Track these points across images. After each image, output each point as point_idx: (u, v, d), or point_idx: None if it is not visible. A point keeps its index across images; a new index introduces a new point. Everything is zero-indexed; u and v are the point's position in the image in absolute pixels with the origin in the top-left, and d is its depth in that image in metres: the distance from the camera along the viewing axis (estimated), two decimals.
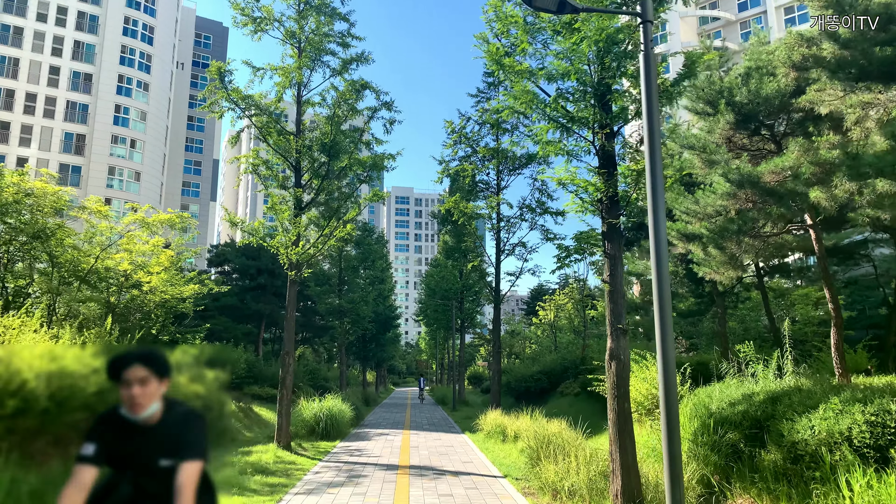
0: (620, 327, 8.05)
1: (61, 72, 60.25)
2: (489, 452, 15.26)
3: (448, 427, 22.68)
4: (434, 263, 44.80)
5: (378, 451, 15.59)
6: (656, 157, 5.85)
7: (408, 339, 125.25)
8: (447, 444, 17.25)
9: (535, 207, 21.04)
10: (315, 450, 15.94)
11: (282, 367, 15.00)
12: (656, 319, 5.63)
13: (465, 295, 35.83)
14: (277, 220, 14.92)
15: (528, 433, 14.85)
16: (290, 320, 15.30)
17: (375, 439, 18.44)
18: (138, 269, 20.14)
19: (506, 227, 21.75)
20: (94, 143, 59.46)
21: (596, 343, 31.53)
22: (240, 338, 33.84)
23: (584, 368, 28.13)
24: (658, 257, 5.65)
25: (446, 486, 10.75)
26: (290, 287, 15.41)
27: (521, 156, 21.87)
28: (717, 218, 12.49)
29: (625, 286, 24.86)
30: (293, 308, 15.35)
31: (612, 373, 8.11)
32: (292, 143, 15.40)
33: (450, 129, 22.32)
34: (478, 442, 17.47)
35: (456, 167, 22.07)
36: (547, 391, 31.28)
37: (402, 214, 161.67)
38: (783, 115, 12.37)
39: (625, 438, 7.77)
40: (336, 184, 16.01)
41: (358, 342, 42.36)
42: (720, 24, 51.25)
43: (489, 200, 21.41)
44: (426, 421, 25.59)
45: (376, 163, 15.10)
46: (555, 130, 8.45)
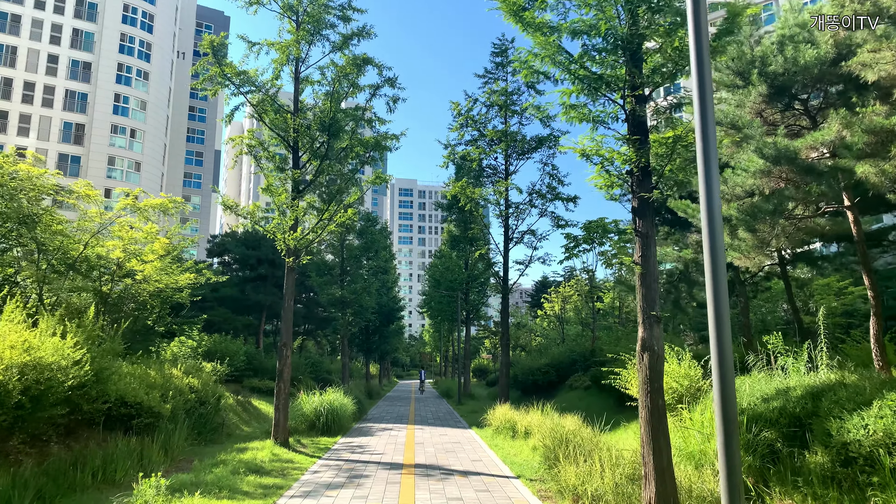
0: (654, 315, 7.15)
1: (60, 60, 59.40)
2: (499, 450, 14.41)
3: (454, 422, 21.86)
4: (438, 254, 43.91)
5: (381, 447, 14.75)
6: (708, 115, 4.93)
7: (411, 331, 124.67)
8: (454, 440, 16.41)
9: (545, 193, 20.09)
10: (315, 446, 15.11)
11: (279, 358, 14.16)
12: (710, 303, 4.72)
13: (471, 286, 34.94)
14: (274, 202, 14.02)
15: (540, 430, 14.00)
16: (288, 310, 14.43)
17: (378, 435, 17.61)
18: (131, 258, 19.30)
19: (514, 213, 20.79)
20: (94, 132, 58.64)
21: (605, 335, 30.66)
22: (240, 329, 33.07)
23: (595, 361, 27.27)
24: (712, 234, 4.75)
25: (455, 487, 9.89)
26: (287, 275, 14.53)
27: (530, 139, 20.89)
28: (745, 200, 11.55)
29: None
30: (291, 297, 14.48)
31: (644, 365, 7.21)
32: (289, 121, 14.49)
33: (456, 111, 21.33)
34: (486, 438, 16.63)
35: (462, 151, 21.12)
36: (555, 384, 30.44)
37: (406, 206, 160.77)
38: (820, 86, 11.40)
39: (659, 439, 6.88)
40: (336, 166, 15.10)
41: (361, 334, 41.56)
42: None
43: (497, 185, 20.44)
44: (431, 415, 24.78)
45: (379, 142, 14.16)
46: (579, 93, 7.51)
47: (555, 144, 20.48)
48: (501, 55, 21.70)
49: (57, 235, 17.06)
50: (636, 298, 7.28)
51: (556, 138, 20.59)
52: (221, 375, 22.71)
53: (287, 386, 14.14)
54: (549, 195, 20.08)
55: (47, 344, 10.36)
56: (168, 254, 20.67)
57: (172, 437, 13.39)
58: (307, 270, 32.15)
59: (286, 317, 14.46)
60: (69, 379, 10.13)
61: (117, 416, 12.47)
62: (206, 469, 11.18)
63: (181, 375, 17.50)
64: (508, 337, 21.55)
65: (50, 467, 9.62)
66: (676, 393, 13.51)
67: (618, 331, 30.74)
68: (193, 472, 10.99)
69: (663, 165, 7.29)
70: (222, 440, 16.89)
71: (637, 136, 7.34)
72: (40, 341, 10.31)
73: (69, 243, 17.49)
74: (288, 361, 14.15)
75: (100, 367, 11.93)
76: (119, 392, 12.48)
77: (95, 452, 10.72)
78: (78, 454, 10.42)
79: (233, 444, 15.85)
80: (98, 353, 12.36)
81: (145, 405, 12.99)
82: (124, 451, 11.06)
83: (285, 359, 14.09)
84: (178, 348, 26.37)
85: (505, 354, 21.29)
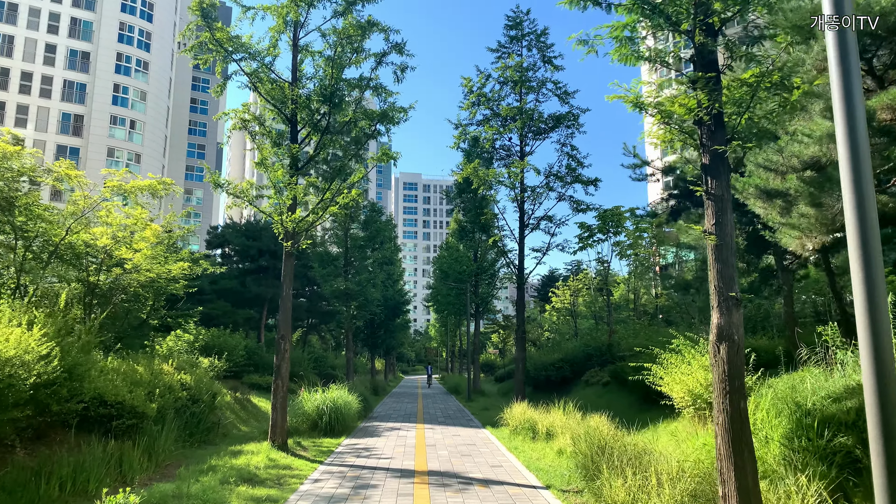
0: (733, 296, 5.74)
1: (58, 50, 58.26)
2: (520, 453, 13.05)
3: (465, 420, 20.51)
4: (445, 247, 42.51)
5: (389, 450, 13.42)
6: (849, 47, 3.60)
7: (416, 326, 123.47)
8: (468, 441, 15.06)
9: (563, 175, 18.64)
10: (316, 449, 13.78)
11: (276, 353, 12.82)
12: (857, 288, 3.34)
13: (480, 278, 33.54)
14: (269, 179, 12.66)
15: (568, 432, 12.64)
16: (286, 299, 13.08)
17: (386, 435, 16.29)
18: (121, 245, 18.00)
19: (531, 197, 19.37)
20: (93, 123, 57.53)
21: (622, 328, 29.25)
22: (240, 323, 31.81)
23: (613, 356, 25.89)
24: (861, 210, 3.39)
25: (476, 501, 8.54)
26: (285, 260, 13.18)
27: (547, 117, 19.41)
28: (803, 172, 10.11)
29: (670, 260, 22.12)
30: (290, 284, 13.13)
31: (721, 359, 5.81)
32: (287, 91, 13.11)
33: (467, 87, 19.85)
34: (503, 440, 15.27)
35: (474, 131, 19.69)
36: (569, 380, 29.07)
37: (411, 201, 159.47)
38: (893, 39, 9.94)
39: (742, 452, 5.50)
40: (339, 140, 13.71)
41: (366, 329, 40.25)
42: None
43: (513, 166, 18.98)
44: (441, 413, 23.44)
45: (386, 114, 12.75)
46: (635, 25, 6.10)
47: (574, 123, 19.06)
48: (516, 28, 20.19)
49: (38, 220, 15.75)
50: (710, 276, 5.87)
51: (575, 116, 19.16)
52: (219, 371, 21.47)
53: (285, 383, 12.81)
54: (569, 177, 18.63)
55: (11, 336, 9.06)
56: (161, 242, 19.41)
57: (158, 439, 12.08)
58: (309, 262, 30.85)
59: (284, 307, 13.11)
60: (32, 376, 8.82)
61: (95, 417, 11.17)
62: (192, 477, 9.85)
63: (172, 371, 16.23)
64: (524, 330, 20.15)
65: (7, 478, 8.30)
66: None
67: (635, 324, 29.34)
68: (177, 480, 9.67)
69: (741, 112, 5.88)
70: (217, 441, 15.59)
71: (707, 75, 5.92)
72: (0, 333, 9.01)
73: (52, 229, 16.19)
74: (286, 356, 12.81)
75: (73, 363, 10.61)
76: (97, 390, 11.17)
77: (66, 459, 9.41)
78: (44, 462, 9.11)
79: (228, 445, 14.57)
80: (71, 347, 11.05)
81: (127, 405, 11.69)
82: (99, 458, 9.74)
83: (283, 353, 12.75)
84: (175, 343, 25.12)
85: (520, 349, 19.89)
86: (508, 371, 43.14)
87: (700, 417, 12.46)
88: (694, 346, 13.67)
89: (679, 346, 13.91)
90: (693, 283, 14.64)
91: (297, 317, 38.99)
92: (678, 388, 13.32)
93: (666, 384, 13.86)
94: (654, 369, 14.12)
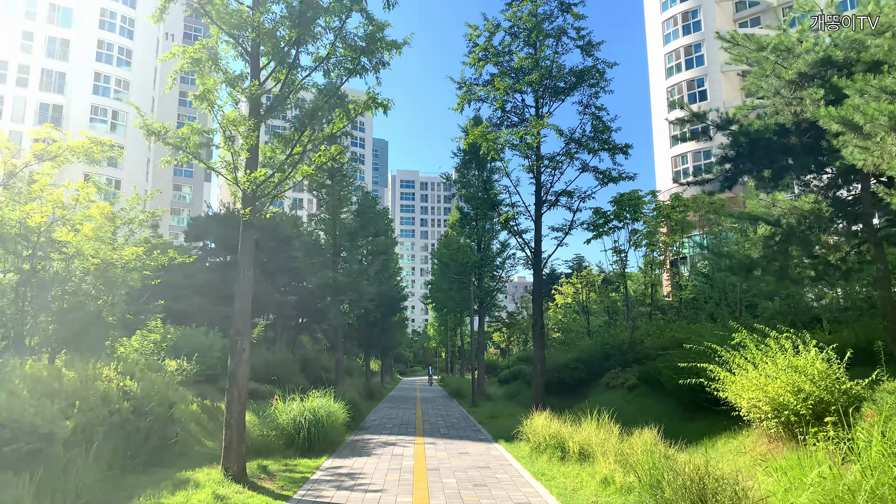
0: None
1: (35, 37, 55.39)
2: (550, 482, 10.05)
3: (472, 431, 17.51)
4: (444, 240, 39.50)
5: (380, 477, 10.42)
6: None
7: (414, 326, 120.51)
8: (479, 461, 12.06)
9: (587, 142, 15.65)
10: (287, 476, 10.77)
11: (231, 353, 9.82)
12: None
13: (485, 270, 30.55)
14: (220, 123, 9.70)
15: (608, 451, 9.67)
16: (244, 282, 10.07)
17: (377, 453, 13.30)
18: (59, 224, 15.01)
19: (550, 166, 16.32)
20: (72, 114, 54.62)
21: (645, 325, 26.29)
22: (218, 321, 28.76)
23: (636, 355, 22.93)
24: None
25: None
26: (243, 233, 10.21)
27: (567, 72, 16.37)
28: None
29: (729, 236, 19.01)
30: (248, 265, 10.13)
31: None
32: (246, 15, 10.12)
33: (472, 38, 16.79)
34: (523, 460, 12.27)
35: (482, 89, 16.62)
36: (585, 382, 26.11)
37: (408, 199, 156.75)
38: None
39: None
40: (314, 85, 10.73)
41: (360, 327, 37.19)
42: None
43: (529, 127, 15.94)
44: (443, 421, 20.43)
45: (374, 38, 9.78)
46: None
47: (599, 79, 16.06)
48: None
49: None
50: None
51: (601, 72, 16.18)
52: (189, 375, 18.53)
53: (242, 392, 9.78)
54: (594, 143, 15.62)
55: None
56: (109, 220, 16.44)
57: (70, 469, 9.10)
58: (293, 250, 27.81)
59: (241, 294, 10.08)
60: None
61: None
62: None
63: (116, 377, 13.28)
64: (543, 325, 17.09)
65: None
66: (814, 399, 9.16)
67: (658, 319, 26.38)
68: None
69: None
70: (171, 461, 12.55)
71: None
72: None
73: None
74: (244, 357, 9.79)
75: None
76: None
77: None
78: None
79: (181, 468, 11.60)
80: None
81: (25, 424, 8.72)
82: None
83: (240, 354, 9.73)
84: (140, 343, 22.10)
85: (539, 346, 16.81)
86: (514, 372, 40.17)
87: (787, 434, 9.51)
88: (763, 342, 10.78)
89: (745, 341, 11.01)
90: (759, 262, 11.67)
91: (286, 315, 36.06)
92: (748, 395, 10.40)
93: (730, 390, 10.94)
94: (715, 371, 11.18)
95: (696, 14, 50.07)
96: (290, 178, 9.99)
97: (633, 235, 30.49)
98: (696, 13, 50.04)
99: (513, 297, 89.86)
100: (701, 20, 49.67)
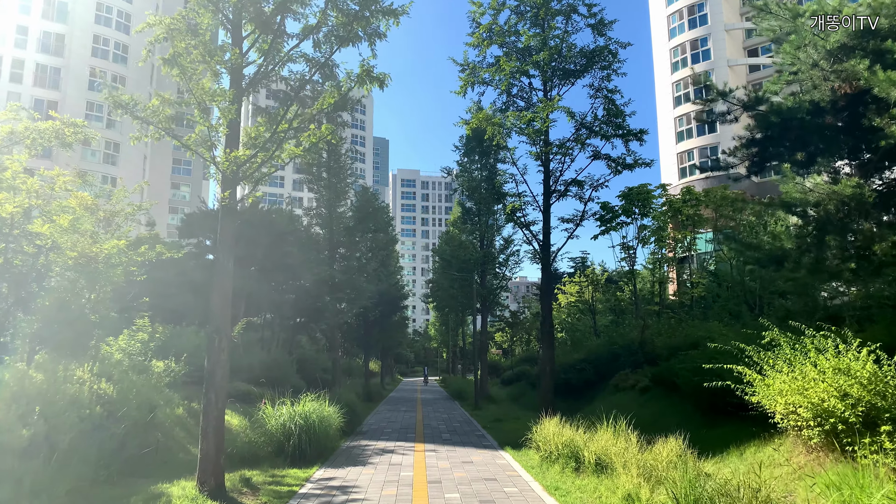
0: None
1: (30, 32, 54.58)
2: (565, 497, 9.00)
3: (476, 437, 16.45)
4: (446, 237, 38.43)
5: (376, 492, 9.39)
6: None
7: (415, 326, 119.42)
8: (485, 472, 11.02)
9: (599, 128, 14.58)
10: (272, 490, 9.74)
11: (208, 353, 8.79)
12: None
13: (487, 267, 29.48)
14: (192, 93, 8.68)
15: (630, 463, 8.65)
16: (223, 273, 9.04)
17: (374, 462, 12.27)
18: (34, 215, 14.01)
19: (560, 152, 15.24)
20: (67, 110, 53.68)
21: (656, 323, 25.25)
22: None
23: (647, 355, 21.88)
24: None
25: None
26: (222, 218, 9.18)
27: (577, 51, 15.26)
28: None
29: (761, 224, 17.82)
30: (228, 254, 9.10)
31: None
32: None
33: (476, 15, 15.67)
34: (533, 471, 11.22)
35: (487, 69, 15.53)
36: (593, 384, 25.07)
37: (409, 198, 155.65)
38: None
39: None
40: (302, 55, 9.69)
41: (360, 326, 36.13)
42: None
43: (538, 110, 14.86)
44: (444, 425, 19.38)
45: (368, 2, 8.75)
46: None
47: (612, 61, 15.01)
48: None
49: None
50: None
51: (613, 53, 15.14)
52: (177, 376, 17.51)
53: (221, 397, 8.75)
54: (608, 128, 14.54)
55: None
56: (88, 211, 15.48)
57: (27, 480, 8.10)
58: (289, 247, 26.74)
59: (220, 287, 9.04)
60: None
61: None
62: None
63: (90, 378, 12.28)
64: (552, 322, 16.00)
65: None
66: (865, 405, 8.11)
67: (670, 317, 25.32)
68: None
69: None
70: (149, 472, 11.54)
71: None
72: None
73: None
74: (222, 358, 8.76)
75: None
76: None
77: None
78: None
79: (160, 479, 10.59)
80: None
81: None
82: None
83: (217, 353, 8.70)
84: (128, 343, 21.09)
85: (548, 346, 15.70)
86: (517, 373, 39.10)
87: (831, 444, 8.45)
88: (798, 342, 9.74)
89: (780, 340, 9.96)
90: (791, 253, 10.62)
91: (284, 314, 35.01)
92: (785, 400, 9.36)
93: (761, 393, 9.90)
94: (746, 374, 10.13)
95: (703, 7, 49.02)
96: (275, 158, 8.96)
97: (641, 231, 29.44)
98: (703, 6, 48.98)
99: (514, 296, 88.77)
100: (707, 13, 48.63)
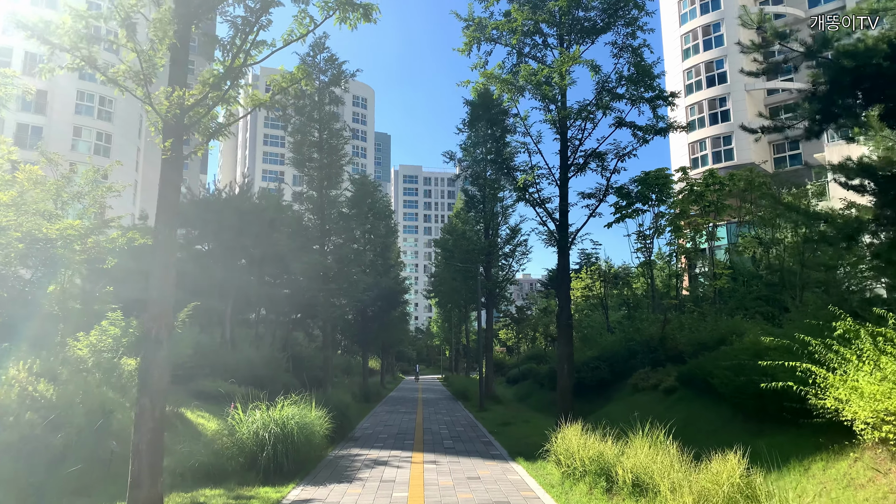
0: None
1: None
2: None
3: (483, 445, 14.49)
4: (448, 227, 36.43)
5: None
6: None
7: (417, 324, 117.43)
8: (496, 495, 9.07)
9: (627, 87, 12.61)
10: None
11: (143, 348, 6.86)
12: None
13: (493, 258, 27.51)
14: (114, 4, 6.74)
15: (679, 484, 6.71)
16: (163, 248, 7.06)
17: (363, 477, 10.33)
18: None
19: (580, 118, 13.23)
20: (58, 100, 52.05)
21: (676, 319, 23.25)
22: (196, 314, 25.81)
23: (669, 352, 19.90)
24: None
25: None
26: (162, 179, 7.24)
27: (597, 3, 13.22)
28: None
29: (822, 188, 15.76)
30: (171, 224, 7.13)
31: None
32: None
33: None
34: (554, 490, 9.26)
35: (496, 23, 13.50)
36: (608, 384, 23.12)
37: (411, 194, 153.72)
38: None
39: None
40: None
41: (358, 322, 34.17)
42: None
43: (555, 63, 12.78)
44: (447, 430, 17.43)
45: None
46: None
47: (640, 12, 13.01)
48: None
49: None
50: None
51: (640, 6, 13.14)
52: None
53: (158, 403, 6.80)
54: (638, 89, 12.55)
55: None
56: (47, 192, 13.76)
57: None
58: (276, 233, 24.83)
59: (160, 263, 7.08)
60: None
61: None
62: None
63: (26, 379, 10.45)
64: (570, 313, 13.96)
65: None
66: None
67: (692, 312, 23.34)
68: None
69: None
70: (97, 486, 9.64)
71: None
72: None
73: None
74: (160, 354, 6.82)
75: None
76: None
77: None
78: None
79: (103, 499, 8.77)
80: None
81: None
82: None
83: (154, 348, 6.77)
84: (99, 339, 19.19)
85: (566, 342, 13.65)
86: (523, 371, 37.15)
87: None
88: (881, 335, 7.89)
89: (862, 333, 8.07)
90: (867, 225, 8.67)
91: (279, 310, 33.12)
92: (871, 406, 7.47)
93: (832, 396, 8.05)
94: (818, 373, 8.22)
95: None
96: (229, 99, 7.03)
97: (659, 218, 27.40)
98: None
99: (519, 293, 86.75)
100: None
